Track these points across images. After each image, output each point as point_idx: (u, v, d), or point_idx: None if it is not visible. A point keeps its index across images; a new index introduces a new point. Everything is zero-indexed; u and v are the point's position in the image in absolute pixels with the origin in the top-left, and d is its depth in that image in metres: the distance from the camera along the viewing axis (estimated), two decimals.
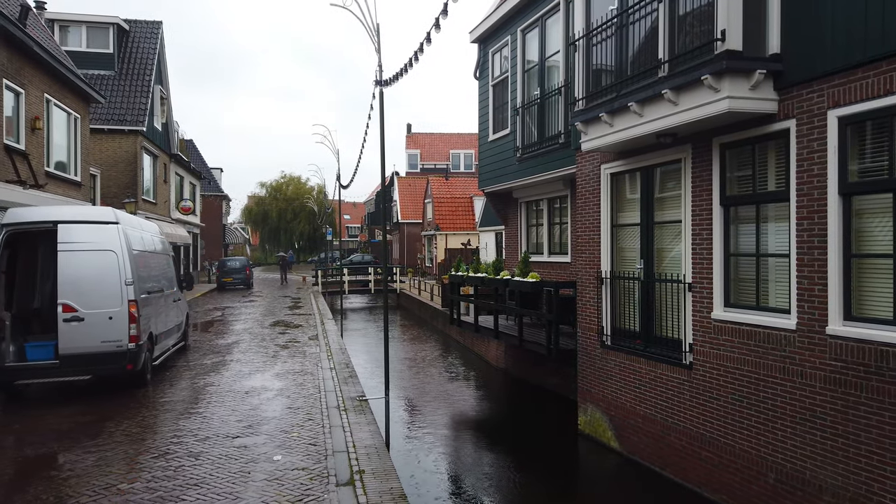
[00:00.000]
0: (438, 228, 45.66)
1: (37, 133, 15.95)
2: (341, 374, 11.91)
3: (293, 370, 12.26)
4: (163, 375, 11.82)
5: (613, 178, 9.68)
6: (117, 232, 10.40)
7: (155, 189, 29.96)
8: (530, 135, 13.16)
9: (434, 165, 62.82)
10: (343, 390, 10.50)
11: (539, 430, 11.41)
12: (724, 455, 7.47)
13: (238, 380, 11.40)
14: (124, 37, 28.63)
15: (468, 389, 14.84)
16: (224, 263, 38.50)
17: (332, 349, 14.76)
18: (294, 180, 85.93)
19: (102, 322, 10.08)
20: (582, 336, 10.34)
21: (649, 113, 7.71)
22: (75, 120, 18.84)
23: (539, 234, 14.49)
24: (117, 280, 10.21)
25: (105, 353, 10.06)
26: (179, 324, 14.22)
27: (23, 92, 15.15)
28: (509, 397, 14.11)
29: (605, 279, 9.70)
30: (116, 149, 26.37)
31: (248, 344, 15.77)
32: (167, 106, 32.05)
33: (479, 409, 13.35)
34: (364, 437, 7.91)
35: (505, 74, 14.33)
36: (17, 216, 10.23)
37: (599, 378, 9.86)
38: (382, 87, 9.68)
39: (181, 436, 7.94)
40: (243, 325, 19.89)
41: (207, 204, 50.36)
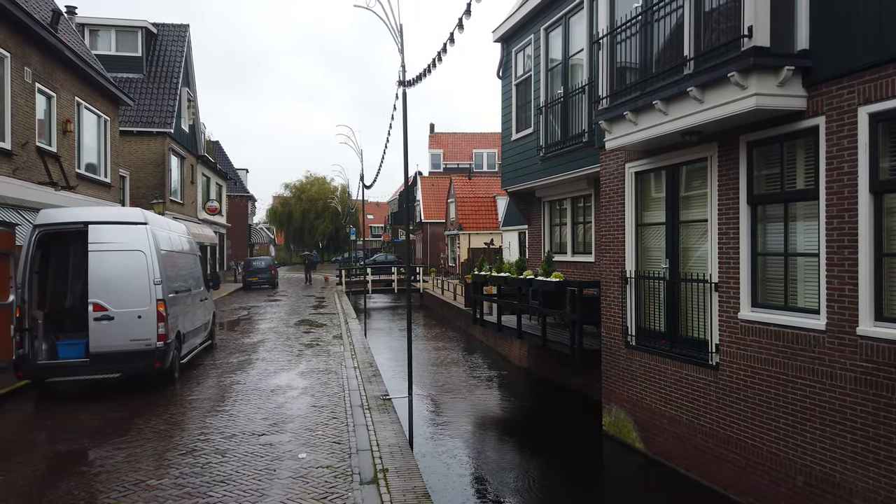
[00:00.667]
0: (461, 228, 45.66)
1: (68, 136, 16.31)
2: (365, 373, 11.98)
3: (318, 369, 12.36)
4: (190, 373, 12.00)
5: (638, 176, 9.60)
6: (146, 232, 10.58)
7: (182, 190, 30.43)
8: (553, 134, 13.10)
9: (457, 165, 62.85)
10: (367, 389, 10.57)
11: (563, 431, 11.36)
12: (751, 457, 7.36)
13: (264, 378, 11.53)
14: (152, 40, 29.13)
15: (491, 389, 14.82)
16: (250, 263, 38.95)
17: (355, 348, 14.85)
18: (318, 181, 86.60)
19: (132, 321, 10.27)
20: (606, 336, 10.27)
21: (674, 111, 7.63)
22: (105, 122, 19.22)
23: (562, 233, 14.42)
24: (146, 279, 10.39)
25: (134, 352, 10.25)
26: (206, 322, 14.42)
27: (54, 95, 15.50)
28: (532, 397, 14.07)
29: (630, 279, 9.63)
30: (145, 150, 26.83)
31: (274, 343, 15.94)
32: (194, 108, 32.51)
33: (502, 409, 13.33)
34: (388, 436, 7.95)
35: (528, 73, 14.29)
36: (49, 217, 10.47)
37: (624, 378, 9.78)
38: (406, 87, 9.72)
39: (208, 433, 8.06)
40: (268, 324, 20.10)
41: (233, 204, 51.00)
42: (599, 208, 12.33)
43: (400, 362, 17.61)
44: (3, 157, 12.98)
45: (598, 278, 12.11)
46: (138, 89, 27.53)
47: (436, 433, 11.14)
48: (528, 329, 12.86)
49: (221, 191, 42.19)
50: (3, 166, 13.01)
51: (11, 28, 13.16)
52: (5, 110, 13.12)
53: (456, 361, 18.18)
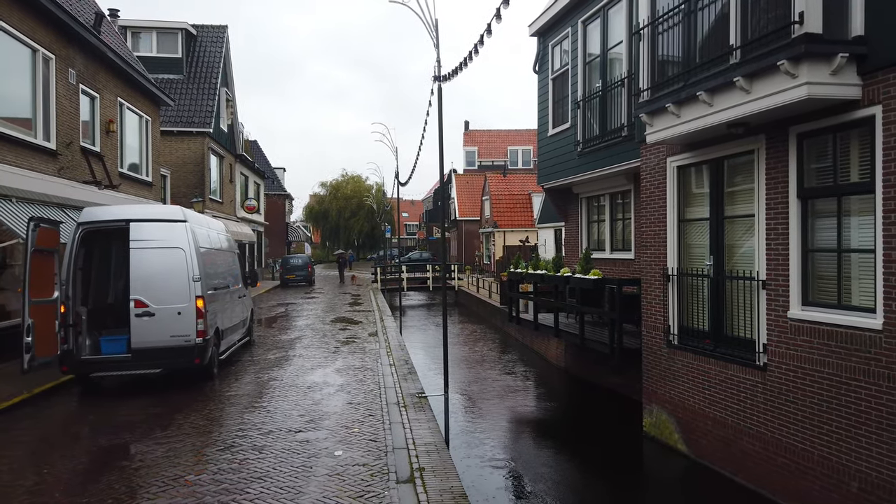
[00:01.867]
0: (496, 225, 45.44)
1: (111, 135, 16.66)
2: (401, 370, 11.94)
3: (353, 366, 12.37)
4: (229, 370, 12.13)
5: (680, 171, 9.32)
6: (185, 230, 10.71)
7: (221, 188, 30.91)
8: (591, 128, 12.85)
9: (492, 162, 62.54)
10: (402, 387, 10.51)
11: (601, 431, 11.14)
12: (801, 461, 7.07)
13: (300, 375, 11.58)
14: (192, 41, 29.63)
15: (527, 387, 14.65)
16: (287, 261, 39.40)
17: (391, 346, 14.84)
18: (353, 179, 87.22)
19: (172, 317, 10.40)
20: (647, 335, 10.02)
21: (720, 102, 7.37)
22: (146, 122, 19.59)
23: (600, 230, 14.16)
24: (185, 276, 10.51)
25: (174, 348, 10.38)
26: (244, 319, 14.57)
27: (97, 96, 15.84)
28: (570, 396, 13.86)
29: (672, 276, 9.36)
30: (185, 150, 27.31)
31: (310, 340, 16.04)
32: (232, 108, 32.99)
33: (538, 408, 13.15)
34: (424, 434, 7.87)
35: (565, 67, 14.05)
36: (92, 215, 10.67)
37: (665, 379, 9.53)
38: (441, 82, 9.62)
39: (246, 429, 8.09)
40: (305, 321, 20.26)
41: (271, 203, 51.66)
42: (639, 204, 12.05)
43: (435, 360, 17.55)
44: (48, 157, 13.30)
45: (638, 276, 11.84)
46: (178, 90, 28.04)
47: (471, 432, 11.03)
48: (565, 327, 12.66)
49: (259, 189, 42.76)
50: (49, 166, 13.33)
51: (56, 30, 13.48)
52: (50, 111, 13.45)
53: (491, 359, 18.05)
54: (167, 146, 26.61)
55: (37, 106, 12.99)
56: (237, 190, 35.08)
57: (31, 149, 12.66)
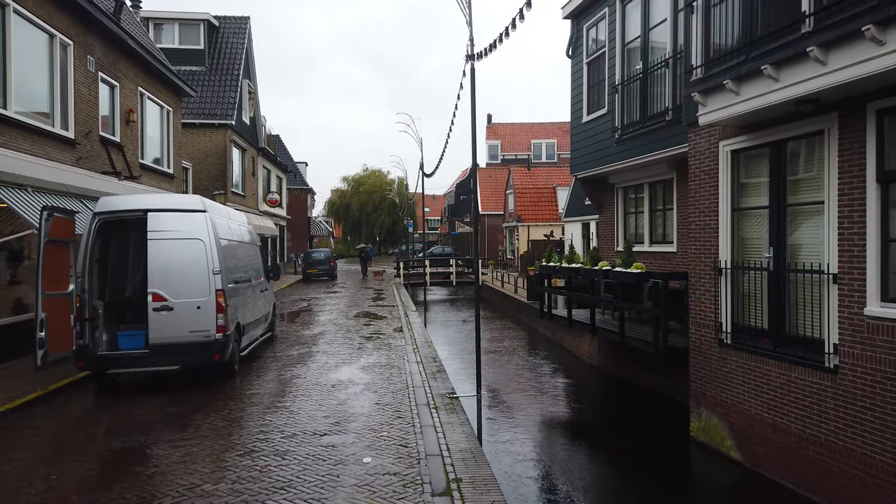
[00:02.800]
0: (520, 220, 44.66)
1: (131, 126, 16.29)
2: (429, 368, 11.36)
3: (379, 363, 11.82)
4: (250, 366, 11.65)
5: (734, 155, 8.59)
6: (205, 220, 10.22)
7: (243, 182, 30.58)
8: (631, 114, 12.13)
9: (515, 156, 61.67)
10: (432, 386, 9.94)
11: (643, 435, 10.45)
12: (879, 474, 6.35)
13: (324, 372, 11.06)
14: (214, 33, 29.29)
15: (560, 387, 13.99)
16: (309, 255, 39.07)
17: (417, 342, 14.27)
18: (375, 173, 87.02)
19: (191, 311, 9.94)
20: (695, 333, 9.32)
21: (788, 76, 6.65)
22: (168, 113, 19.22)
23: (638, 221, 13.44)
24: (205, 269, 10.04)
25: (193, 343, 9.91)
26: (267, 314, 14.11)
27: (117, 85, 15.46)
28: (605, 396, 13.18)
29: (724, 270, 8.65)
30: (207, 142, 26.99)
31: (334, 335, 15.54)
32: (255, 101, 32.64)
33: (573, 409, 12.49)
34: (458, 440, 7.28)
35: (601, 50, 13.33)
36: (109, 204, 10.23)
37: (716, 380, 8.82)
38: (474, 61, 9.00)
39: (267, 432, 7.57)
40: (328, 315, 19.79)
41: (293, 197, 51.41)
42: (685, 193, 11.33)
43: (462, 356, 16.97)
44: (65, 146, 12.92)
45: (682, 269, 11.13)
46: (200, 82, 27.71)
47: (503, 435, 10.42)
48: (602, 324, 11.98)
49: (282, 183, 42.49)
50: (66, 155, 12.95)
51: (74, 16, 13.08)
52: (68, 99, 13.07)
53: (520, 357, 17.41)
54: (189, 138, 26.31)
55: (54, 93, 12.61)
56: (259, 183, 34.77)
57: (48, 137, 12.28)
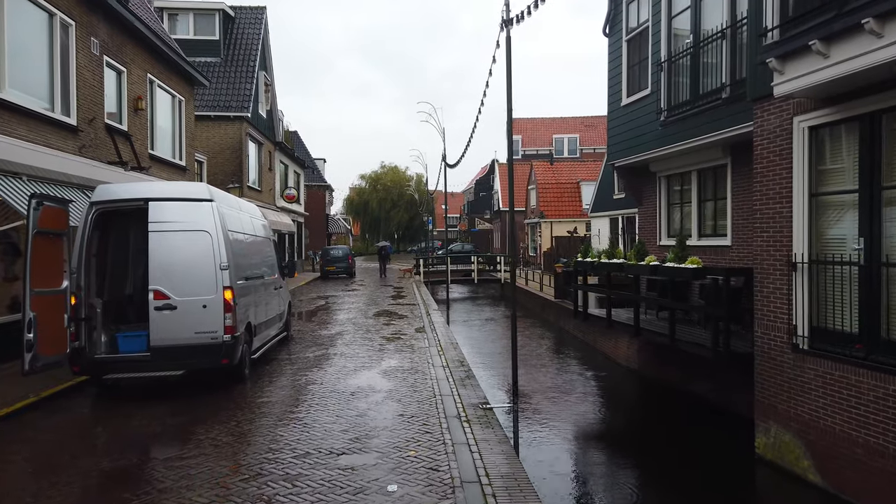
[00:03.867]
0: (543, 216, 43.47)
1: (140, 114, 15.45)
2: (456, 373, 10.35)
3: (402, 367, 10.83)
4: (262, 370, 10.73)
5: (813, 133, 7.45)
6: (212, 210, 9.29)
7: (260, 177, 29.79)
8: (679, 93, 11.01)
9: (536, 151, 60.36)
10: (461, 395, 8.91)
11: (699, 451, 9.35)
12: None
13: (342, 378, 10.09)
14: (230, 23, 28.51)
15: (598, 393, 12.91)
16: (327, 252, 38.25)
17: (442, 344, 13.26)
18: (393, 170, 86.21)
19: (196, 311, 9.02)
20: (762, 336, 8.19)
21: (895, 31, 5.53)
22: (179, 102, 18.40)
23: (684, 213, 12.30)
24: (211, 264, 9.11)
25: (198, 346, 8.99)
26: (281, 313, 13.19)
27: (125, 71, 14.62)
28: (649, 405, 12.07)
29: (801, 264, 7.52)
30: (222, 136, 26.21)
31: (353, 336, 14.58)
32: (271, 93, 31.84)
33: (615, 420, 11.40)
34: (497, 462, 6.25)
35: (643, 25, 12.21)
36: (107, 193, 9.33)
37: (790, 391, 7.70)
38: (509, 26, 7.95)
39: (278, 449, 6.61)
40: (346, 314, 18.86)
41: (311, 194, 50.67)
42: (742, 180, 10.22)
43: (490, 360, 15.97)
44: (67, 134, 12.09)
45: (737, 264, 10.04)
46: (216, 73, 26.94)
47: (544, 452, 9.37)
48: (647, 326, 10.87)
49: (299, 179, 41.73)
50: (68, 143, 12.12)
51: None
52: (70, 83, 12.23)
53: (551, 360, 16.35)
54: (204, 132, 25.55)
55: (54, 76, 11.77)
56: (277, 179, 33.99)
57: (47, 123, 11.44)
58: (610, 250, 11.45)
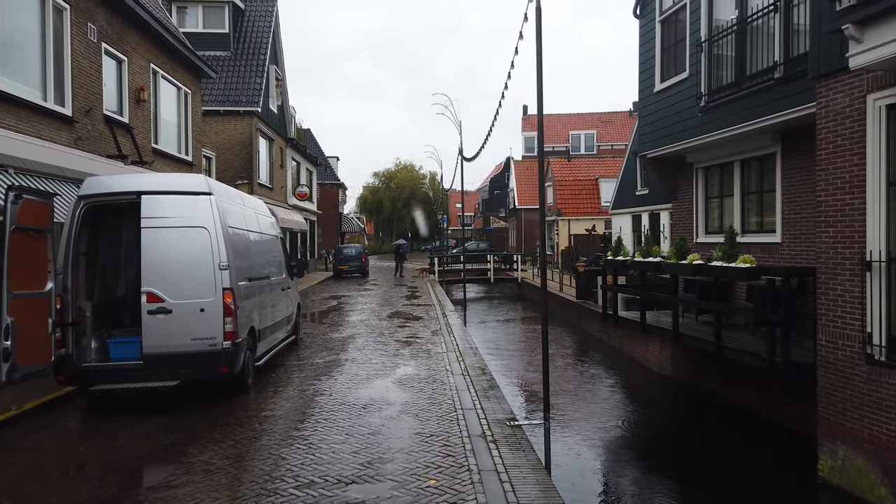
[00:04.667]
0: (560, 213, 42.43)
1: (142, 106, 14.70)
2: (478, 383, 9.46)
3: (419, 376, 9.96)
4: (267, 378, 9.90)
5: (892, 112, 6.48)
6: (210, 205, 8.47)
7: (271, 174, 29.05)
8: (722, 75, 10.04)
9: (552, 148, 59.24)
10: (485, 408, 8.02)
11: (751, 473, 8.38)
12: None
13: (354, 387, 9.23)
14: (239, 16, 27.79)
15: (631, 404, 11.95)
16: (340, 251, 37.51)
17: (460, 348, 12.38)
18: (406, 168, 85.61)
19: (193, 315, 8.20)
20: (828, 345, 7.22)
21: None
22: (185, 95, 17.64)
23: (724, 208, 11.31)
24: (210, 263, 8.29)
25: (196, 353, 8.17)
26: (289, 315, 12.36)
27: (125, 59, 13.86)
28: (688, 418, 11.09)
29: (877, 263, 6.55)
30: (231, 131, 25.48)
31: (365, 339, 13.73)
32: (283, 88, 31.09)
33: (654, 436, 10.42)
34: (532, 494, 5.36)
35: (680, 3, 11.23)
36: (96, 186, 8.53)
37: (862, 408, 6.73)
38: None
39: (278, 477, 5.75)
40: (359, 315, 18.03)
41: (324, 192, 49.97)
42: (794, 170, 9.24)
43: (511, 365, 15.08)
44: (61, 124, 11.33)
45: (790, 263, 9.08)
46: (225, 67, 26.23)
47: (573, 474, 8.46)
48: (686, 330, 9.92)
49: (312, 177, 41.02)
50: (62, 134, 11.36)
51: None
52: (65, 71, 11.47)
53: (575, 366, 15.42)
54: (212, 127, 24.84)
55: (46, 63, 11.00)
56: (288, 176, 33.26)
57: (39, 112, 10.69)
58: (645, 248, 10.49)
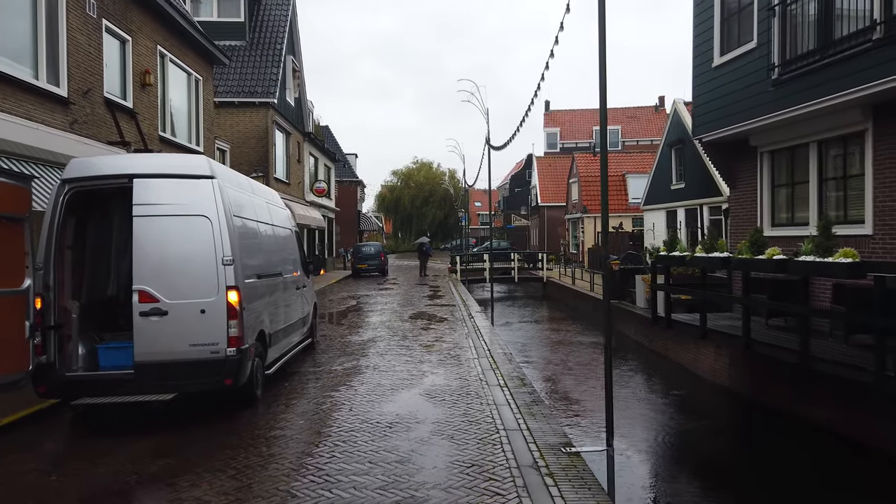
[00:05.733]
0: (586, 210, 40.95)
1: (148, 91, 13.66)
2: (519, 396, 8.23)
3: (449, 387, 8.75)
4: (279, 388, 8.76)
5: None
6: (213, 190, 7.33)
7: (288, 168, 28.02)
8: (799, 42, 8.71)
9: (575, 144, 57.84)
10: (532, 428, 6.80)
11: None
12: None
13: (376, 401, 8.04)
14: (255, 4, 26.83)
15: (691, 421, 10.57)
16: (359, 249, 36.45)
17: (493, 354, 11.15)
18: (425, 165, 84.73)
19: (192, 317, 7.08)
20: None
21: None
22: (196, 82, 16.61)
23: (795, 196, 9.97)
24: (212, 257, 7.17)
25: (195, 362, 7.05)
26: (304, 317, 11.23)
27: (129, 39, 12.82)
28: (763, 438, 9.67)
29: None
30: (247, 123, 24.48)
31: (387, 343, 12.56)
32: (300, 80, 30.09)
33: (728, 461, 9.04)
34: None
35: None
36: (82, 168, 7.42)
37: None
38: None
39: None
40: (380, 316, 16.88)
41: (343, 190, 48.98)
42: (889, 149, 7.89)
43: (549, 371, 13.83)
44: (55, 105, 10.30)
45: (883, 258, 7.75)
46: (241, 57, 25.27)
47: None
48: (760, 338, 8.60)
49: (330, 173, 39.99)
50: (56, 116, 10.33)
51: None
52: (60, 47, 10.44)
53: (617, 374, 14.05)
54: (227, 119, 23.89)
55: (38, 38, 9.98)
56: (306, 172, 32.23)
57: (29, 91, 9.65)
58: (709, 242, 9.16)
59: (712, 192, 20.38)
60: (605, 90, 6.33)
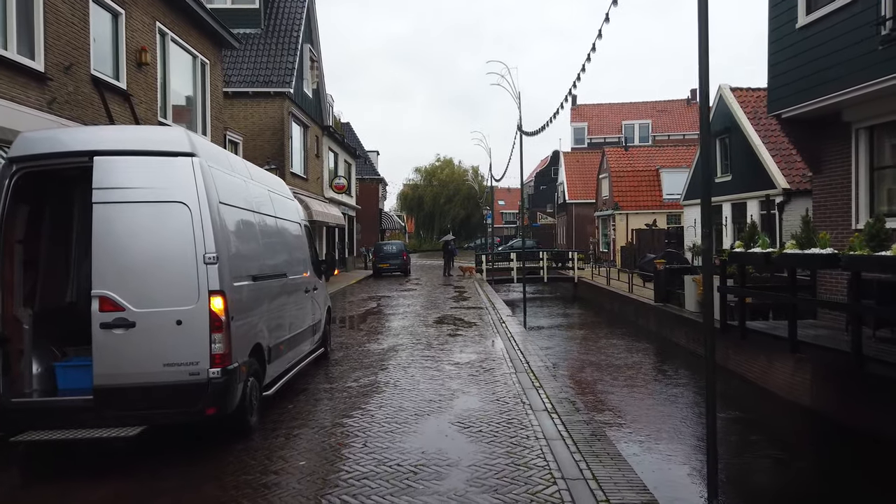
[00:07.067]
0: (618, 207, 39.03)
1: (145, 71, 12.30)
2: (574, 427, 6.64)
3: (485, 413, 7.19)
4: (281, 412, 7.28)
5: None
6: (192, 170, 5.86)
7: (305, 163, 26.69)
8: None
9: (604, 139, 55.81)
10: (599, 478, 5.22)
11: None
12: None
13: (397, 433, 6.51)
14: None
15: (781, 454, 8.90)
16: (380, 248, 35.05)
17: (532, 368, 9.58)
18: (448, 163, 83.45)
19: (166, 329, 5.62)
20: None
21: None
22: (202, 65, 15.26)
23: None
24: (191, 255, 5.71)
25: (169, 387, 5.60)
26: (315, 324, 9.75)
27: (122, 13, 11.47)
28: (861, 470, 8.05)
29: None
30: (262, 115, 23.16)
31: (410, 353, 11.04)
32: (318, 71, 28.73)
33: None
34: None
35: None
36: (33, 145, 5.98)
37: None
38: None
39: None
40: (401, 321, 15.38)
41: (364, 187, 47.67)
42: None
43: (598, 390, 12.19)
44: (28, 80, 8.94)
45: None
46: (255, 46, 24.00)
47: None
48: (869, 352, 6.91)
49: (350, 170, 38.68)
50: (31, 93, 8.97)
51: None
52: (35, 15, 9.09)
53: (666, 388, 12.40)
54: (241, 110, 22.61)
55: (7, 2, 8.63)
56: (325, 167, 30.89)
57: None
58: (805, 235, 7.46)
59: (764, 185, 18.51)
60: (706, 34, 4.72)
